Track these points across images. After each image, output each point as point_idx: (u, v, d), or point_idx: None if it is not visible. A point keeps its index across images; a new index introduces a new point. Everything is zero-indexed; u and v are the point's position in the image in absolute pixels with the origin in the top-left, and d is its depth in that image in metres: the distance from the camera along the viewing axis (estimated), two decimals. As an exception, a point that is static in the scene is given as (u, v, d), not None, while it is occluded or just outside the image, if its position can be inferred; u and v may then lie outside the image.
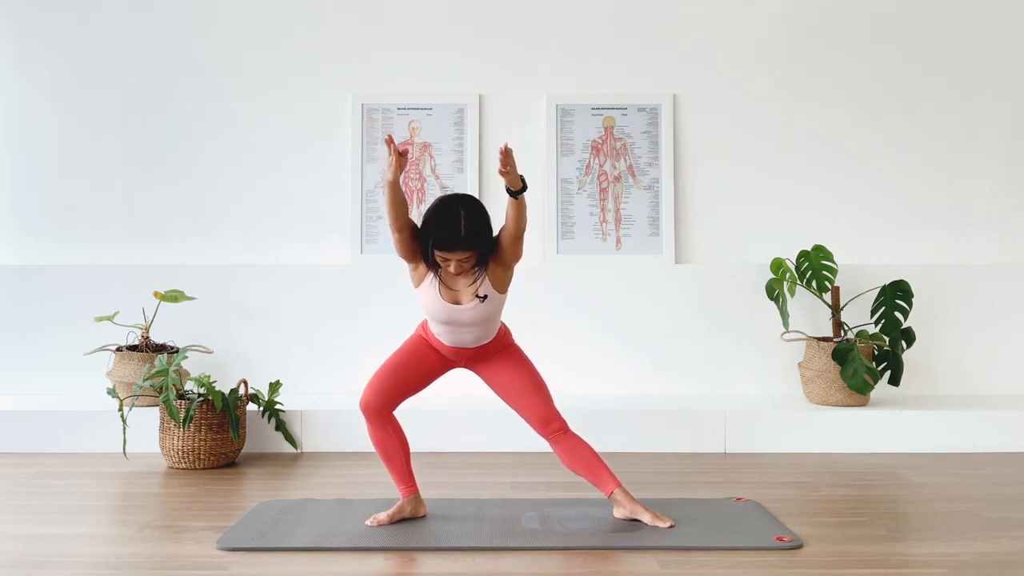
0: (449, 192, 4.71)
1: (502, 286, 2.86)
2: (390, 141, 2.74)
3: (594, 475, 2.90)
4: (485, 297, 2.82)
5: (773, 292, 4.37)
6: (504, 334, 3.00)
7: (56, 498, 3.27)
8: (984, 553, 2.58)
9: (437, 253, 2.73)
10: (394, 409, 2.96)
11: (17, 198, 4.79)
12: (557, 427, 2.90)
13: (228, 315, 4.64)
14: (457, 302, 2.83)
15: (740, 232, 4.76)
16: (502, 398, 2.98)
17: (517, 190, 2.71)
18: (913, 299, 4.34)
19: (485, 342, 2.94)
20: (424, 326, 3.01)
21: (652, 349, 4.65)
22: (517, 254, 2.83)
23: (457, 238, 2.69)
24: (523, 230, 2.77)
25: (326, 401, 4.32)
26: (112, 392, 3.85)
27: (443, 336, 2.92)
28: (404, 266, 4.72)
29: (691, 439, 4.07)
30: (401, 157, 2.73)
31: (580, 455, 2.90)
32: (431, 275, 2.83)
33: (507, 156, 2.65)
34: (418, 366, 2.96)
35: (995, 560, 2.52)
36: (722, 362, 4.64)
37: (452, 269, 2.76)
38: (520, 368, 2.95)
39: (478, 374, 3.01)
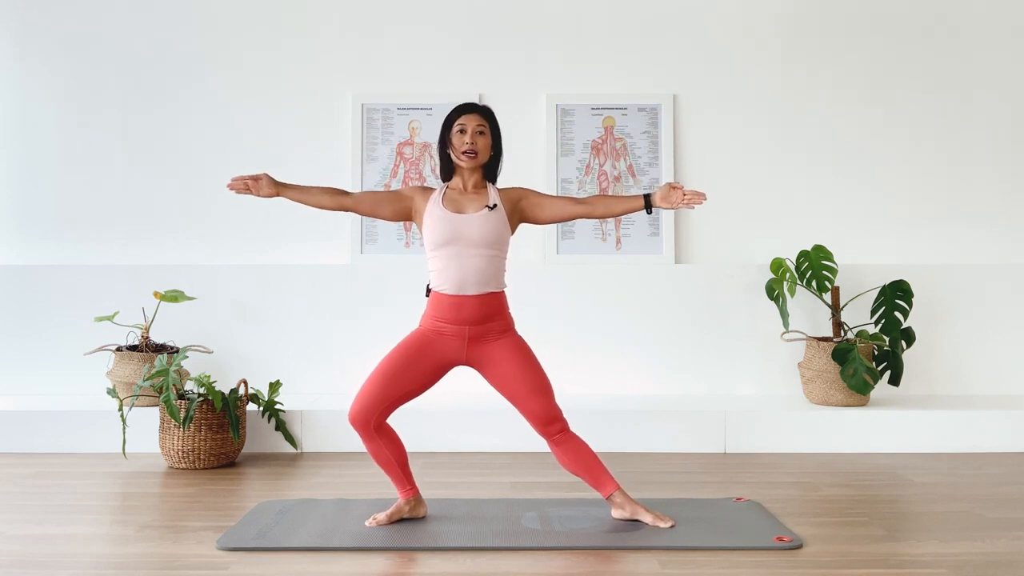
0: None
1: (511, 227, 2.90)
2: (233, 187, 2.90)
3: (593, 477, 2.88)
4: (495, 206, 2.84)
5: (773, 292, 4.37)
6: (509, 317, 2.91)
7: (56, 498, 3.27)
8: (984, 553, 2.58)
9: (455, 124, 2.88)
10: (386, 418, 2.88)
11: (17, 198, 4.79)
12: (558, 428, 2.86)
13: (228, 315, 4.64)
14: (462, 211, 2.85)
15: (740, 232, 4.76)
16: (502, 394, 2.89)
17: (650, 211, 2.90)
18: (913, 299, 4.34)
19: (491, 290, 2.83)
20: (423, 318, 2.91)
21: (652, 349, 4.65)
22: (554, 217, 2.92)
23: (475, 105, 2.93)
24: (586, 218, 2.95)
25: (326, 401, 4.32)
26: (112, 392, 3.85)
27: (446, 278, 2.81)
28: (402, 264, 4.72)
29: (691, 439, 4.07)
30: (253, 179, 2.89)
31: (580, 457, 2.87)
32: (434, 194, 2.89)
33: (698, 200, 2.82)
34: (414, 367, 2.85)
35: (995, 560, 2.52)
36: (722, 362, 4.64)
37: (467, 140, 2.84)
38: (524, 364, 2.85)
39: (480, 368, 2.90)
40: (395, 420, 4.11)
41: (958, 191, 4.78)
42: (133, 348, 4.31)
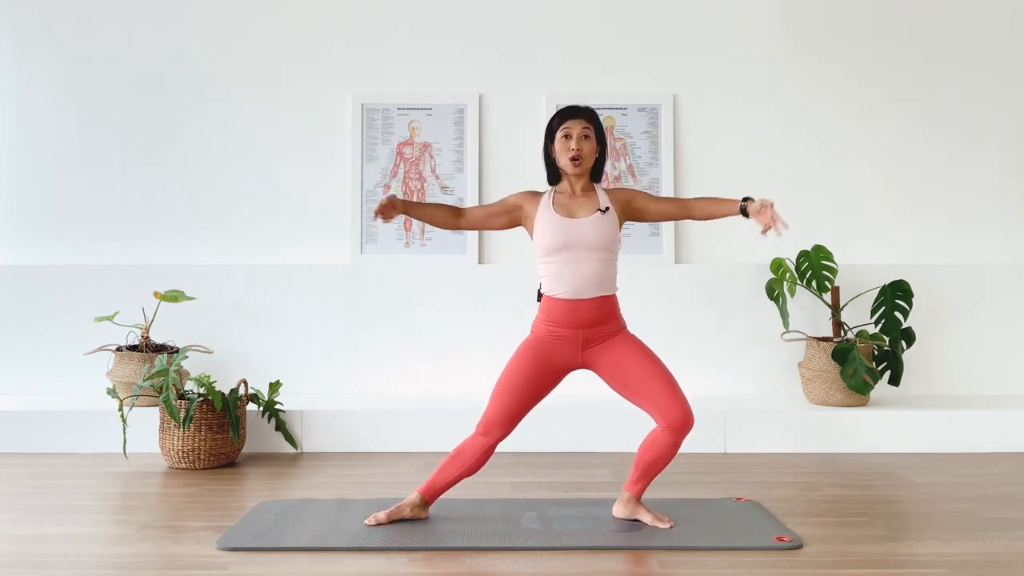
0: (451, 191, 4.72)
1: (618, 227, 2.88)
2: (378, 213, 2.85)
3: (639, 475, 2.85)
4: (607, 209, 2.83)
5: (773, 292, 4.37)
6: (621, 319, 2.89)
7: (56, 498, 3.27)
8: (984, 553, 2.58)
9: (559, 130, 2.85)
10: (513, 429, 2.88)
11: (17, 198, 4.79)
12: (688, 431, 2.80)
13: (228, 315, 4.64)
14: (574, 216, 2.83)
15: (740, 232, 4.75)
16: (621, 390, 2.84)
17: (747, 215, 2.78)
18: (913, 299, 4.34)
19: (605, 293, 2.81)
20: (535, 324, 2.88)
21: (652, 349, 4.64)
22: (659, 217, 2.93)
23: (578, 109, 2.88)
24: (687, 219, 2.93)
25: (326, 401, 4.31)
26: (112, 392, 3.85)
27: (562, 282, 2.79)
28: (402, 264, 4.72)
29: (691, 439, 4.01)
30: (389, 207, 2.85)
31: (657, 457, 2.81)
32: (543, 198, 2.87)
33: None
34: (536, 377, 2.82)
35: (995, 560, 2.52)
36: (722, 362, 4.64)
37: (573, 146, 2.82)
38: (647, 357, 2.83)
39: (596, 367, 2.85)
40: (396, 420, 4.12)
41: (958, 191, 4.78)
42: (133, 348, 4.31)
